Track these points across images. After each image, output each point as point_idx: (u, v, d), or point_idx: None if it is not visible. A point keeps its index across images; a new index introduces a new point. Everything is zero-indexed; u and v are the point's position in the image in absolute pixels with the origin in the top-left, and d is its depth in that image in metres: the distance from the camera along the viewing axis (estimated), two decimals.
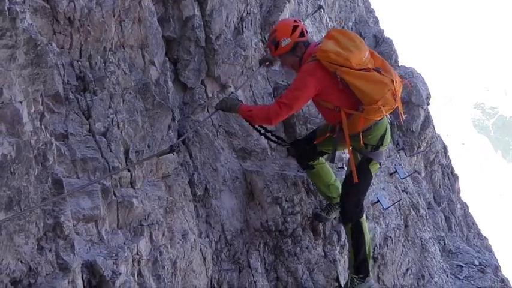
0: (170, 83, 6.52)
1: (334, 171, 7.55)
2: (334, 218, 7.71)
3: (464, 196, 18.01)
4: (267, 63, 7.19)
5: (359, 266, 7.00)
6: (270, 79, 8.21)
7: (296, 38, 6.45)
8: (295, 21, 6.63)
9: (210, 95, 7.06)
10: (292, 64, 6.60)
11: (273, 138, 7.07)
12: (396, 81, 6.43)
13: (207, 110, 6.88)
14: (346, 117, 6.38)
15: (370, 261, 7.13)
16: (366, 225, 7.04)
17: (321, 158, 7.22)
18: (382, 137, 6.68)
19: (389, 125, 6.80)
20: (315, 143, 6.98)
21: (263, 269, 7.00)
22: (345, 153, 7.59)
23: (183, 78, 6.78)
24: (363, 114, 6.37)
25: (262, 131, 6.94)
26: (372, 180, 8.99)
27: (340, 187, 7.22)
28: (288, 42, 6.42)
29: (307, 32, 6.60)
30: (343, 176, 7.15)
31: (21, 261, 3.90)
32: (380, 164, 6.98)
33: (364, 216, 7.03)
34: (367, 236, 7.01)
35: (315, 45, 6.52)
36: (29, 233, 4.01)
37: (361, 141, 6.45)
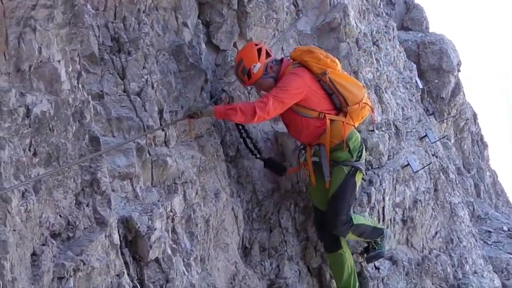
0: (203, 45, 6.57)
1: None
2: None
3: (493, 164, 17.91)
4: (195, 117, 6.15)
5: None
6: (302, 42, 8.21)
7: (265, 60, 6.35)
8: (256, 44, 6.52)
9: None
10: (268, 87, 6.43)
11: (250, 145, 6.76)
12: (365, 87, 6.84)
13: None
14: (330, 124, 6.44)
15: None
16: (348, 255, 6.94)
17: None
18: (361, 142, 6.77)
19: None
20: (288, 173, 7.01)
21: (293, 229, 7.06)
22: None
23: (216, 41, 6.82)
24: (346, 119, 6.49)
25: (244, 134, 6.73)
26: (403, 144, 9.05)
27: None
28: (259, 66, 6.30)
29: (270, 50, 6.57)
30: None
31: (60, 215, 4.00)
32: (364, 173, 6.96)
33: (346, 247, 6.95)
34: (348, 266, 6.91)
35: (287, 59, 6.65)
36: (67, 188, 4.11)
37: (345, 146, 6.51)
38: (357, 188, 6.89)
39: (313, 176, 6.74)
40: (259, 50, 6.37)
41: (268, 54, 6.43)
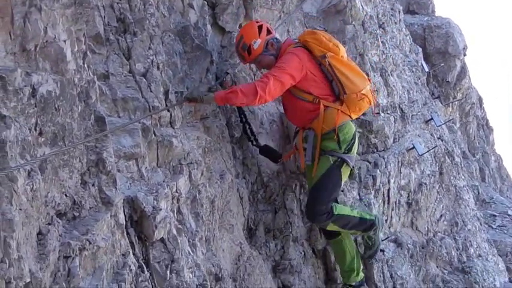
0: (209, 27, 6.55)
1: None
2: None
3: (498, 149, 17.91)
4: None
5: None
6: (308, 24, 8.21)
7: (265, 36, 6.36)
8: (256, 21, 6.57)
9: None
10: (268, 64, 6.43)
11: (248, 131, 6.63)
12: (370, 80, 6.70)
13: None
14: (323, 110, 6.35)
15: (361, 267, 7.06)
16: (348, 241, 6.94)
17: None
18: (354, 136, 6.60)
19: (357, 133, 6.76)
20: (283, 159, 6.89)
21: (298, 211, 7.06)
22: None
23: (221, 22, 6.78)
24: (342, 107, 6.41)
25: (244, 119, 6.61)
26: (408, 127, 9.04)
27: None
28: (259, 42, 6.32)
29: (272, 28, 6.56)
30: None
31: (65, 195, 4.01)
32: (352, 168, 6.80)
33: (345, 233, 6.88)
34: (350, 251, 6.92)
35: (292, 39, 6.62)
36: (73, 167, 4.12)
37: (336, 136, 6.39)
38: (343, 181, 6.71)
39: (302, 160, 6.68)
40: (260, 27, 6.38)
41: (269, 32, 6.43)
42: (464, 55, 15.12)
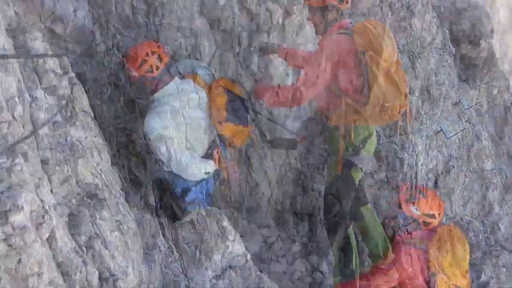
0: (236, 9, 6.53)
1: None
2: None
3: None
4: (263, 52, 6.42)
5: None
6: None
7: (334, 1, 5.97)
8: None
9: (274, 22, 7.05)
10: (316, 22, 6.19)
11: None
12: (407, 97, 6.17)
13: (272, 36, 6.85)
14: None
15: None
16: (353, 237, 6.44)
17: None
18: (365, 140, 6.18)
19: (376, 135, 6.42)
20: (298, 142, 6.51)
21: None
22: None
23: (249, 5, 6.77)
24: (362, 109, 6.00)
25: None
26: (436, 109, 8.99)
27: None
28: None
29: (348, 2, 6.13)
30: None
31: (96, 176, 4.04)
32: (362, 169, 6.34)
33: (351, 228, 6.39)
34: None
35: (348, 22, 6.16)
36: (103, 149, 4.15)
37: (352, 136, 6.02)
38: (356, 182, 6.31)
39: None
40: None
41: (342, 1, 6.03)
42: (491, 38, 15.01)
